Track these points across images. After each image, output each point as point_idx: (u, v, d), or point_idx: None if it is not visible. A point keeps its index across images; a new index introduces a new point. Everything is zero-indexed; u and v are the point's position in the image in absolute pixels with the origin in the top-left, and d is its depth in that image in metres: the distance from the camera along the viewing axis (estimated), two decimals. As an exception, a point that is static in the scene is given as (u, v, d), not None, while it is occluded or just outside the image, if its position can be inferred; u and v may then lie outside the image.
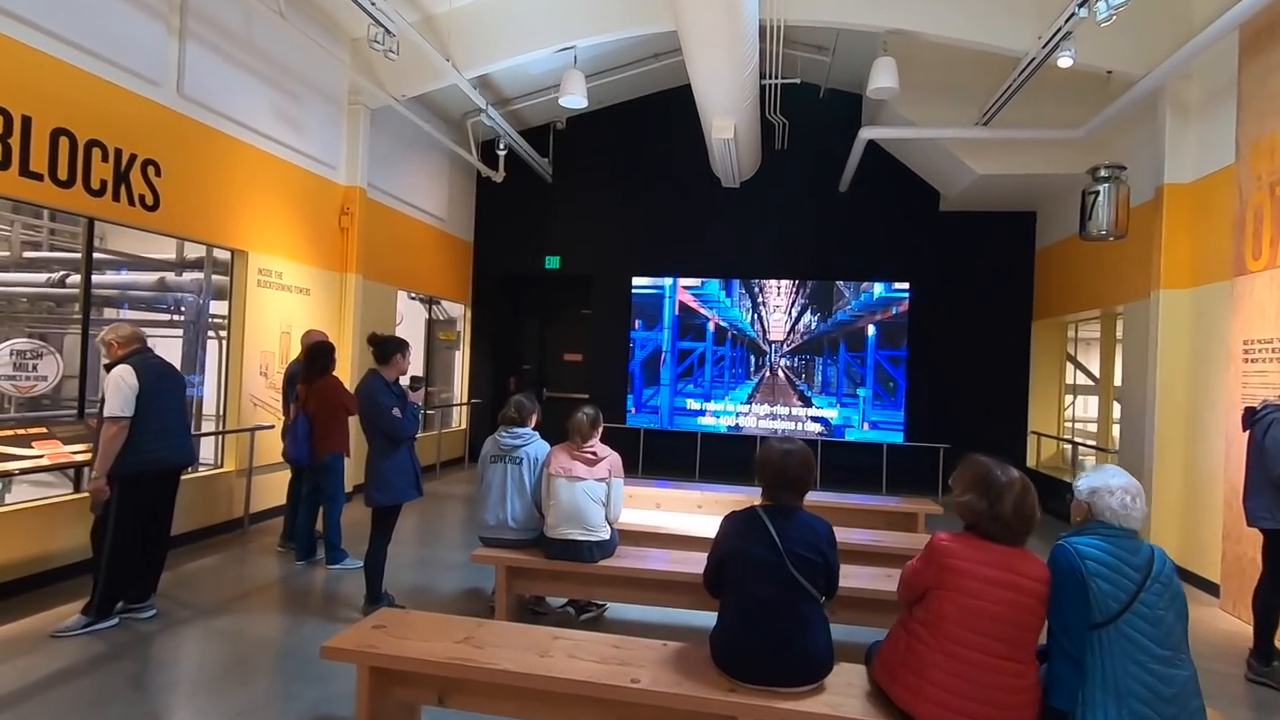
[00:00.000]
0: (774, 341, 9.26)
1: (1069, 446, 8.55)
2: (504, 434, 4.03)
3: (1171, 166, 5.73)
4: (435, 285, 9.42)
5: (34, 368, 7.00)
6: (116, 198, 4.69)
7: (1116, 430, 8.05)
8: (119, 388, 3.69)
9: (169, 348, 6.00)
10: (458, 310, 10.36)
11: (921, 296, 8.97)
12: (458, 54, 6.81)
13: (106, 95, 4.60)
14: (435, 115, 8.60)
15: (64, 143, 4.34)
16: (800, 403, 9.18)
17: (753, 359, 9.32)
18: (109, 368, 3.82)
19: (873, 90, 6.30)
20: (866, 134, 7.18)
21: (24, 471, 4.07)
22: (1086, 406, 9.07)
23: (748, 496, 5.89)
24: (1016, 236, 8.96)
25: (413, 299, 9.89)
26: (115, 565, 3.75)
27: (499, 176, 9.43)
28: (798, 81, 7.59)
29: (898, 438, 8.92)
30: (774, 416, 9.21)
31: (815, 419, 9.11)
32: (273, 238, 6.18)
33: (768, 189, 9.35)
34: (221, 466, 5.86)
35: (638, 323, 9.56)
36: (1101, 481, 2.21)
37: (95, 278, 7.10)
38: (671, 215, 9.66)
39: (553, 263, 10.04)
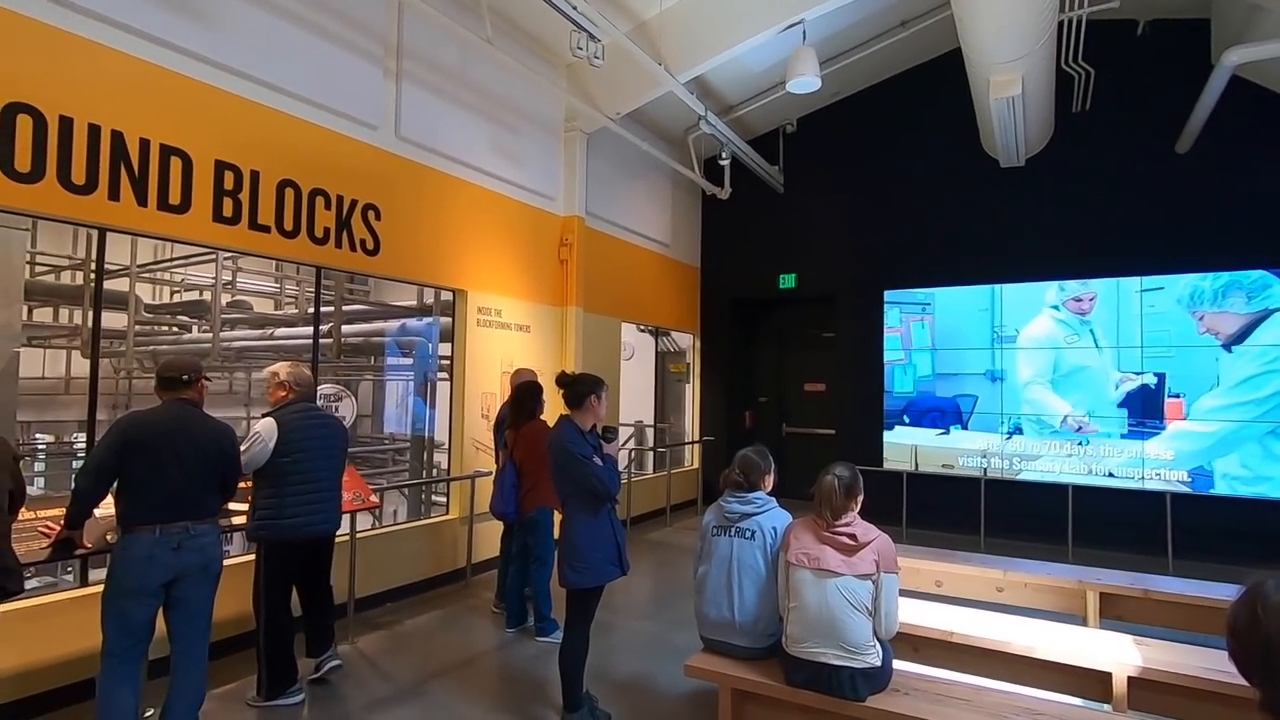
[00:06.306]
0: (1098, 358, 7.05)
1: None
2: (730, 498, 3.04)
3: None
4: (661, 315, 8.84)
5: (335, 409, 7.75)
6: (339, 244, 4.68)
7: None
8: (252, 443, 3.34)
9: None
10: (687, 341, 9.70)
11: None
12: (671, 57, 6.14)
13: (328, 143, 4.62)
14: (653, 134, 8.08)
15: (289, 194, 4.38)
16: (1141, 438, 6.82)
17: (1073, 382, 7.18)
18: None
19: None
20: (1235, 55, 5.00)
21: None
22: None
23: (1078, 581, 4.15)
24: None
25: (642, 331, 9.45)
26: (273, 643, 3.41)
27: (724, 193, 8.62)
28: (1116, 4, 5.56)
29: (1302, 491, 6.16)
30: (1098, 458, 6.97)
31: (1165, 464, 6.69)
32: (491, 275, 5.98)
33: (1062, 165, 7.23)
34: (447, 514, 5.69)
35: (888, 345, 7.99)
36: None
37: (356, 326, 7.66)
38: (931, 214, 7.95)
39: (788, 281, 8.90)
